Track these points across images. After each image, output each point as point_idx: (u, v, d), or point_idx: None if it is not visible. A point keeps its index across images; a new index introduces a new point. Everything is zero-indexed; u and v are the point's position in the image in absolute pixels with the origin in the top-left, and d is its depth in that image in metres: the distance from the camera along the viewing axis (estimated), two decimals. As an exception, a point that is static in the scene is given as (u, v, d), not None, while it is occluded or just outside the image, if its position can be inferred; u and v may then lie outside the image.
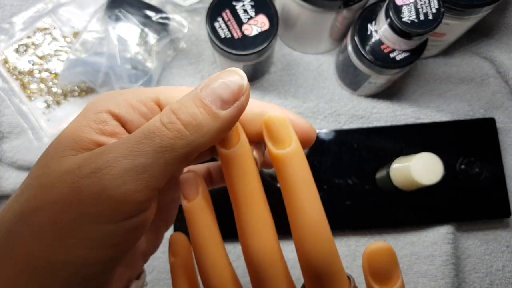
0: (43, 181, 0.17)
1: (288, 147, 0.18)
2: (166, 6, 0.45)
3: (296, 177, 0.18)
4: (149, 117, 0.18)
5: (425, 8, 0.33)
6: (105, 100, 0.19)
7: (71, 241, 0.16)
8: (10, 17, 0.46)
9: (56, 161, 0.17)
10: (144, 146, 0.16)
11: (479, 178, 0.42)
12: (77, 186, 0.16)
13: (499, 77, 0.47)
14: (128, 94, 0.19)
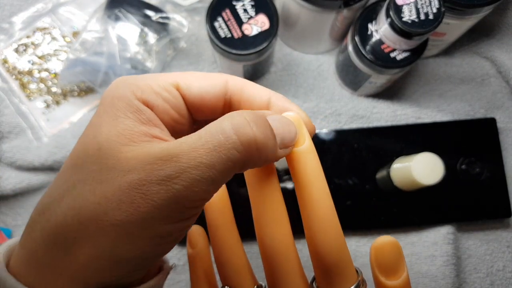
0: (103, 177, 0.16)
1: (302, 145, 0.19)
2: (166, 5, 0.45)
3: (309, 172, 0.19)
4: (171, 102, 0.19)
5: (426, 8, 0.33)
6: (129, 86, 0.18)
7: (139, 241, 0.16)
8: (10, 17, 0.46)
9: (114, 157, 0.17)
10: (214, 159, 0.16)
11: (479, 178, 0.42)
12: (146, 190, 0.16)
13: (499, 77, 0.46)
14: (148, 80, 0.19)
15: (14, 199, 0.43)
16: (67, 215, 0.17)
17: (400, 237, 0.42)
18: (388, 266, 0.19)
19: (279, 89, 0.46)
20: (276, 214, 0.20)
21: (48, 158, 0.42)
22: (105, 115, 0.18)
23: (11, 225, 0.43)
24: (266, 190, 0.20)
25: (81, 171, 0.17)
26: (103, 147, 0.17)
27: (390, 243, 0.19)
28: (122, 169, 0.16)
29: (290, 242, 0.20)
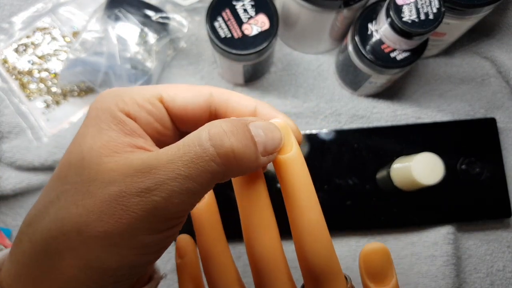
0: (84, 189, 0.17)
1: (289, 152, 0.19)
2: (166, 5, 0.45)
3: (296, 180, 0.19)
4: (155, 114, 0.19)
5: (426, 8, 0.33)
6: (113, 99, 0.19)
7: (123, 251, 0.17)
8: (10, 17, 0.46)
9: (95, 168, 0.17)
10: (191, 171, 0.16)
11: (479, 178, 0.42)
12: (126, 202, 0.16)
13: (499, 77, 0.46)
14: (133, 93, 0.19)
15: (14, 199, 0.43)
16: (51, 228, 0.17)
17: (400, 237, 0.42)
18: (377, 273, 0.19)
19: (279, 89, 0.46)
20: (264, 220, 0.20)
21: (48, 158, 0.42)
22: (90, 127, 0.18)
23: (11, 225, 0.43)
24: (253, 196, 0.20)
25: (64, 183, 0.17)
26: (86, 158, 0.17)
27: (379, 250, 0.19)
28: (103, 181, 0.17)
29: (278, 249, 0.20)
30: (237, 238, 0.42)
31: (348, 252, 0.42)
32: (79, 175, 0.17)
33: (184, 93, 0.20)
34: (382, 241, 0.42)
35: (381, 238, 0.42)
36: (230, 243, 0.42)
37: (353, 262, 0.42)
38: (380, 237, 0.42)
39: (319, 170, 0.42)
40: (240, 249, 0.42)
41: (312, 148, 0.42)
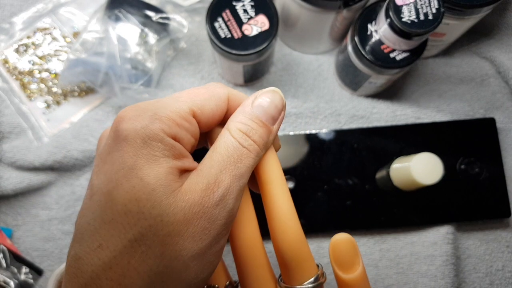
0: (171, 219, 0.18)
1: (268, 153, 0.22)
2: (166, 6, 0.45)
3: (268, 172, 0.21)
4: (191, 131, 0.20)
5: (425, 8, 0.33)
6: (154, 122, 0.19)
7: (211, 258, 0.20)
8: (10, 17, 0.47)
9: (172, 197, 0.18)
10: (241, 170, 0.20)
11: (479, 178, 0.42)
12: (210, 215, 0.19)
13: (499, 77, 0.47)
14: (166, 110, 0.19)
15: (15, 199, 0.43)
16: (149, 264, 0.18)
17: (400, 237, 0.42)
18: (344, 261, 0.21)
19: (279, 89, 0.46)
20: (245, 214, 0.22)
21: (48, 158, 0.42)
22: (143, 158, 0.18)
23: (11, 225, 0.43)
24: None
25: (144, 218, 0.18)
26: (157, 189, 0.18)
27: (345, 240, 0.21)
28: (184, 206, 0.18)
29: (258, 240, 0.22)
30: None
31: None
32: (155, 207, 0.18)
33: (209, 103, 0.21)
34: (382, 241, 0.42)
35: (380, 237, 0.42)
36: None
37: None
38: (379, 236, 0.42)
39: (318, 170, 0.42)
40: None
41: (311, 148, 0.43)
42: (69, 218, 0.43)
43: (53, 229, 0.43)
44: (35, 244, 0.42)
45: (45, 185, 0.43)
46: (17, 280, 0.40)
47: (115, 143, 0.19)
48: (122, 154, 0.18)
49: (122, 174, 0.18)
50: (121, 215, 0.17)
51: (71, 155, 0.43)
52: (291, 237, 0.20)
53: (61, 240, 0.43)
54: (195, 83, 0.46)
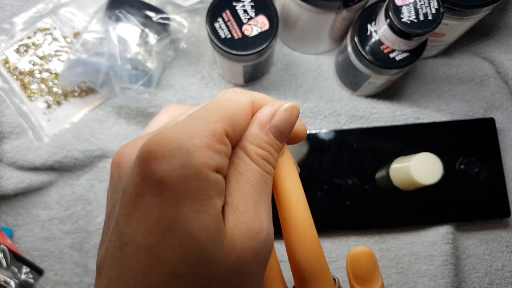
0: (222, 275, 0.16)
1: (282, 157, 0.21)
2: (166, 6, 0.45)
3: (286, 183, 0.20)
4: (227, 153, 0.17)
5: (425, 9, 0.34)
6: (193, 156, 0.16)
7: None
8: (11, 17, 0.47)
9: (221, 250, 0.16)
10: (268, 196, 0.19)
11: (478, 178, 0.42)
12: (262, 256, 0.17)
13: (498, 78, 0.47)
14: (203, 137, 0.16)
15: (15, 199, 0.43)
16: None
17: (399, 237, 0.42)
18: (363, 276, 0.20)
19: (279, 89, 0.46)
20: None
21: (49, 158, 0.42)
22: (187, 205, 0.15)
23: (12, 225, 0.43)
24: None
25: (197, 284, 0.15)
26: (207, 246, 0.15)
27: (364, 253, 0.20)
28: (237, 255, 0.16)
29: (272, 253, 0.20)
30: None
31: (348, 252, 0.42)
32: (212, 266, 0.15)
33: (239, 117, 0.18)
34: (382, 240, 0.42)
35: (380, 237, 0.42)
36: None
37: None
38: (379, 236, 0.42)
39: (318, 170, 0.42)
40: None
41: (311, 148, 0.43)
42: (70, 218, 0.43)
43: (53, 229, 0.43)
44: (35, 244, 0.42)
45: (45, 185, 0.43)
46: (17, 280, 0.40)
47: (148, 185, 0.15)
48: (161, 201, 0.15)
49: (164, 227, 0.15)
50: (170, 278, 0.15)
51: (71, 155, 0.43)
52: (309, 250, 0.19)
53: (62, 240, 0.43)
54: (195, 83, 0.46)
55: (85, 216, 0.43)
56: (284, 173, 0.20)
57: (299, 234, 0.19)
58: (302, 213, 0.19)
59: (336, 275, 0.21)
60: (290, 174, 0.20)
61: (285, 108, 0.19)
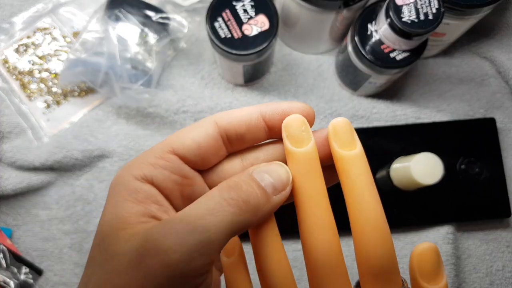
0: (108, 268, 0.18)
1: (353, 150, 0.19)
2: (166, 6, 0.45)
3: (361, 177, 0.19)
4: (169, 167, 0.20)
5: (425, 8, 0.33)
6: (127, 169, 0.20)
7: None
8: (10, 17, 0.47)
9: (114, 244, 0.18)
10: (207, 222, 0.17)
11: (479, 178, 0.42)
12: (146, 270, 0.17)
13: (499, 77, 0.47)
14: (145, 155, 0.20)
15: (15, 199, 0.43)
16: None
17: (400, 237, 0.42)
18: (429, 272, 0.19)
19: (279, 89, 0.46)
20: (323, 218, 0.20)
21: (48, 158, 0.42)
22: (108, 203, 0.19)
23: (11, 225, 0.43)
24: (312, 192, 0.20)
25: (94, 260, 0.19)
26: (106, 236, 0.18)
27: (431, 249, 0.19)
28: (122, 252, 0.17)
29: (338, 249, 0.20)
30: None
31: (348, 252, 0.42)
32: (103, 253, 0.18)
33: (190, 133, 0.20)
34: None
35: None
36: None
37: (353, 261, 0.41)
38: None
39: (319, 170, 0.42)
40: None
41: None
42: (69, 218, 0.43)
43: (53, 229, 0.43)
44: (35, 244, 0.42)
45: (45, 185, 0.43)
46: (17, 280, 0.40)
47: None
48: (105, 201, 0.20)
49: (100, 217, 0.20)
50: (90, 253, 0.19)
51: (71, 155, 0.42)
52: (384, 247, 0.19)
53: (61, 240, 0.43)
54: (195, 83, 0.46)
55: (84, 216, 0.43)
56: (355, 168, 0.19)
57: (375, 231, 0.19)
58: (378, 208, 0.19)
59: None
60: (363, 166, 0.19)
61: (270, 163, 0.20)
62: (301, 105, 0.21)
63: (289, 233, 0.21)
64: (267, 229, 0.20)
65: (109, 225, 0.19)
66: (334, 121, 0.20)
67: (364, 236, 0.19)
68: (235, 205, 0.18)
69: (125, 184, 0.19)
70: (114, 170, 0.44)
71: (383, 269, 0.19)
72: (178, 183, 0.20)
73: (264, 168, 0.20)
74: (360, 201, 0.19)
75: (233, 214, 0.18)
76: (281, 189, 0.19)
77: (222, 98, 0.45)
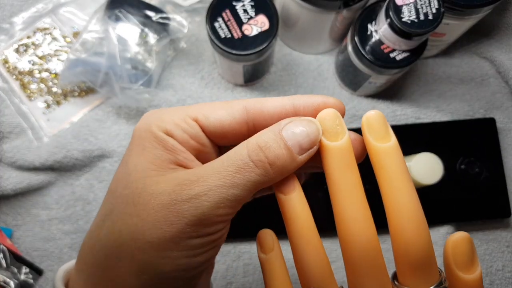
0: (136, 200, 0.19)
1: (388, 142, 0.19)
2: (166, 6, 0.45)
3: (397, 169, 0.19)
4: (190, 132, 0.21)
5: (425, 8, 0.33)
6: (153, 119, 0.21)
7: (175, 253, 0.19)
8: (10, 17, 0.47)
9: (143, 181, 0.19)
10: (236, 180, 0.19)
11: (479, 178, 0.42)
12: (178, 209, 0.18)
13: (499, 77, 0.47)
14: (170, 113, 0.21)
15: (15, 199, 0.43)
16: (109, 238, 0.19)
17: (400, 237, 0.42)
18: (464, 261, 0.19)
19: (279, 89, 0.46)
20: (360, 210, 0.20)
21: (48, 158, 0.42)
22: (135, 147, 0.20)
23: (11, 225, 0.43)
24: (348, 185, 0.20)
25: (115, 196, 0.20)
26: (132, 173, 0.19)
27: (465, 238, 0.19)
28: (152, 192, 0.18)
29: (375, 241, 0.20)
30: (238, 238, 0.42)
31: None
32: (127, 188, 0.19)
33: (218, 111, 0.21)
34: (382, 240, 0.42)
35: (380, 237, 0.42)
36: (231, 243, 0.42)
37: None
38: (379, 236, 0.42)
39: (319, 170, 0.42)
40: (241, 248, 0.42)
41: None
42: (69, 218, 0.43)
43: (53, 229, 0.43)
44: (35, 244, 0.42)
45: (45, 185, 0.43)
46: (17, 280, 0.40)
47: None
48: (128, 146, 0.21)
49: (121, 161, 0.21)
50: (109, 191, 0.20)
51: (71, 155, 0.43)
52: (423, 238, 0.19)
53: (61, 240, 0.43)
54: (195, 83, 0.46)
55: (84, 216, 0.43)
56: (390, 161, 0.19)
57: (413, 222, 0.19)
58: (415, 200, 0.19)
59: (336, 275, 0.21)
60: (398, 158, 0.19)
61: (303, 118, 0.20)
62: (334, 100, 0.21)
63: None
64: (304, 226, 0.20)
65: (136, 165, 0.19)
66: (368, 114, 0.20)
67: (401, 228, 0.19)
68: (262, 167, 0.19)
69: (153, 133, 0.20)
70: (114, 170, 0.44)
71: (421, 261, 0.19)
72: (194, 148, 0.21)
73: (293, 125, 0.20)
74: (397, 194, 0.19)
75: (260, 175, 0.19)
76: (308, 148, 0.19)
77: (222, 98, 0.45)
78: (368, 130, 0.20)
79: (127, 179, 0.19)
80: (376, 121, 0.20)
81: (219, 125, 0.21)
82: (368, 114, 0.20)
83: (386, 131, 0.20)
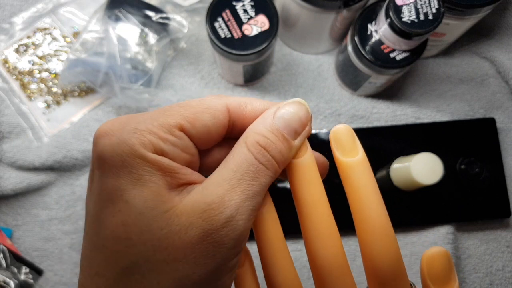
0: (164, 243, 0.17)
1: (356, 156, 0.19)
2: (166, 6, 0.45)
3: (364, 184, 0.19)
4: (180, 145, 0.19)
5: (425, 8, 0.33)
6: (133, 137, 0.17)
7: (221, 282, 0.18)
8: (10, 17, 0.47)
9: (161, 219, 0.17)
10: (255, 188, 0.18)
11: (479, 178, 0.42)
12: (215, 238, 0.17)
13: (499, 77, 0.47)
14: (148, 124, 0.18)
15: (15, 199, 0.43)
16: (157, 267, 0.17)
17: (400, 237, 0.42)
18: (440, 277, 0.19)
19: (279, 89, 0.46)
20: (326, 230, 0.20)
21: (48, 158, 0.42)
22: (125, 177, 0.17)
23: (11, 225, 0.43)
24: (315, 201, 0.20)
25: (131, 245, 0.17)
26: (145, 213, 0.17)
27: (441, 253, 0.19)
28: (180, 229, 0.17)
29: (343, 256, 0.19)
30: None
31: (348, 252, 0.42)
32: (146, 232, 0.17)
33: (202, 116, 0.19)
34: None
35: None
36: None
37: (353, 261, 0.42)
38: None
39: (319, 170, 0.42)
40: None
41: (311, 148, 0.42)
42: (69, 218, 0.43)
43: (53, 229, 0.43)
44: (35, 244, 0.42)
45: (45, 185, 0.43)
46: (17, 280, 0.40)
47: (96, 160, 0.18)
48: (102, 174, 0.17)
49: (106, 196, 0.17)
50: (110, 241, 0.17)
51: (71, 155, 0.43)
52: (391, 253, 0.18)
53: (61, 240, 0.43)
54: (195, 83, 0.46)
55: (84, 216, 0.43)
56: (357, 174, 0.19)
57: (381, 237, 0.18)
58: (382, 215, 0.19)
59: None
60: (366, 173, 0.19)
61: (291, 100, 0.20)
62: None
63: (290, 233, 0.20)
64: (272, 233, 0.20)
65: (144, 202, 0.17)
66: (335, 128, 0.20)
67: (369, 243, 0.19)
68: (271, 166, 0.18)
69: (141, 156, 0.17)
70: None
71: (391, 276, 0.19)
72: (187, 160, 0.19)
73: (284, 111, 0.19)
74: (364, 209, 0.19)
75: (271, 175, 0.19)
76: (301, 131, 0.20)
77: (222, 98, 0.45)
78: (335, 145, 0.20)
79: (139, 221, 0.17)
80: (343, 135, 0.20)
81: (206, 132, 0.19)
82: (335, 129, 0.20)
83: (353, 145, 0.20)
